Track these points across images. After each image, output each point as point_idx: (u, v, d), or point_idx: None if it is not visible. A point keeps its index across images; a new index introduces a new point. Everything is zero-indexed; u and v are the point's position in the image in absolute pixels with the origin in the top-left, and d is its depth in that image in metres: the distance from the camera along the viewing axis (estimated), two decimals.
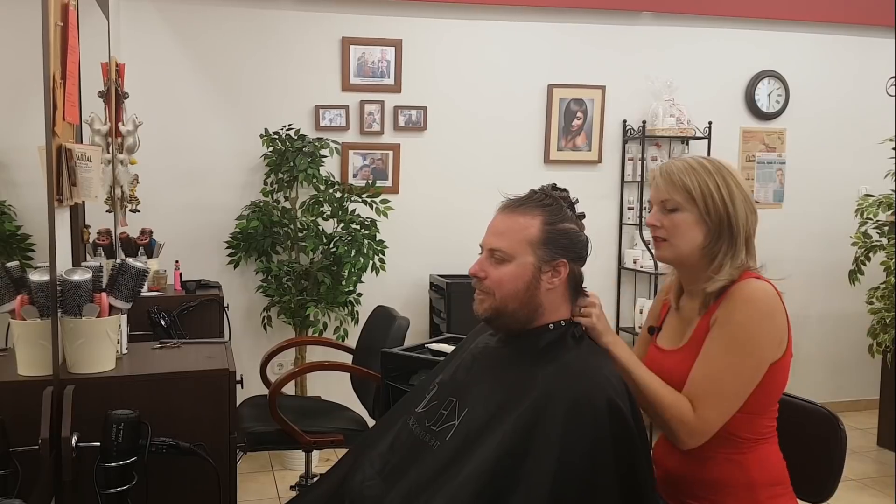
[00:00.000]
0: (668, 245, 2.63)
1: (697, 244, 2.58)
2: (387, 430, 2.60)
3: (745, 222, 2.58)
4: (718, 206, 2.55)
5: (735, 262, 2.56)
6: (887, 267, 6.30)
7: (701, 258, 2.60)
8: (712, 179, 2.57)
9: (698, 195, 2.56)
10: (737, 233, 2.57)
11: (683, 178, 2.58)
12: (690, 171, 2.59)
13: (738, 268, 2.56)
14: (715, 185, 2.56)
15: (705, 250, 2.59)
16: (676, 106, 6.74)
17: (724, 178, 2.58)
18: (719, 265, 2.56)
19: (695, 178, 2.58)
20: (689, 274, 2.69)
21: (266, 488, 5.78)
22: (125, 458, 2.80)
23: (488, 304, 2.44)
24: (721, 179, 2.57)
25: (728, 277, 2.55)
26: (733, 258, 2.56)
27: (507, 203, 2.49)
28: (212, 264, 6.20)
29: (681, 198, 2.58)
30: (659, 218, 2.63)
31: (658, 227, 2.63)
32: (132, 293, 3.19)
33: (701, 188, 2.56)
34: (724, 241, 2.57)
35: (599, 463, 2.17)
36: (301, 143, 5.99)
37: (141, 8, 6.04)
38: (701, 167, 2.60)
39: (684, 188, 2.58)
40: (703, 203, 2.56)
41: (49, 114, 2.98)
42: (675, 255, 2.63)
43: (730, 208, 2.56)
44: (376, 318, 5.11)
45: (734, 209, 2.56)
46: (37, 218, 3.05)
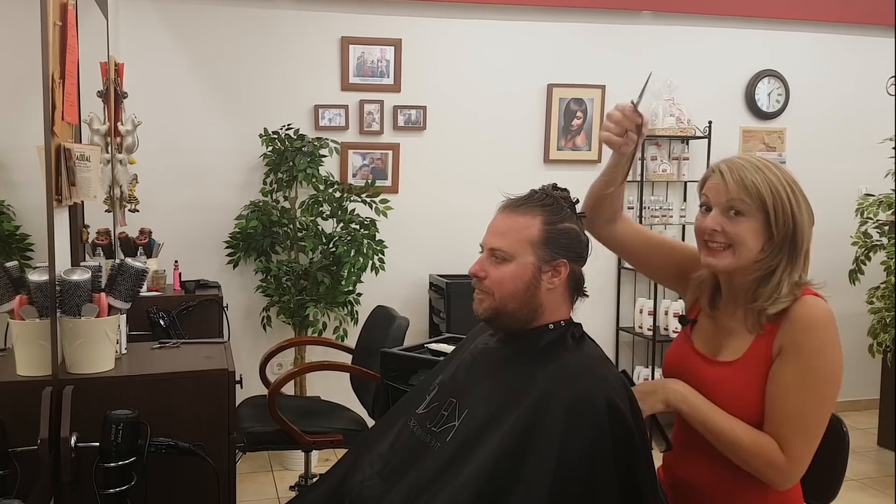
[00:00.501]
0: (728, 254, 2.41)
1: (755, 254, 2.39)
2: (387, 430, 2.60)
3: (807, 235, 2.40)
4: (788, 215, 2.36)
5: (793, 278, 2.39)
6: (887, 267, 6.30)
7: (755, 269, 2.41)
8: (782, 185, 2.37)
9: (769, 201, 2.35)
10: (799, 247, 2.40)
11: (758, 184, 2.36)
12: (759, 171, 2.38)
13: (797, 284, 2.39)
14: (786, 191, 2.37)
15: (761, 263, 2.40)
16: (676, 105, 6.75)
17: (790, 184, 2.39)
18: (778, 282, 2.39)
19: (765, 179, 2.36)
20: (737, 284, 2.50)
21: (265, 488, 5.78)
22: (124, 458, 2.79)
23: (488, 304, 2.43)
24: (789, 187, 2.38)
25: (787, 298, 2.37)
26: (791, 274, 2.39)
27: (507, 203, 2.48)
28: (211, 264, 6.20)
29: (752, 202, 2.37)
30: (720, 223, 2.41)
31: (718, 233, 2.41)
32: (131, 293, 3.19)
33: (773, 193, 2.35)
34: (784, 255, 2.39)
35: (599, 463, 2.17)
36: (300, 143, 5.99)
37: (140, 7, 6.03)
38: (768, 170, 2.39)
39: (757, 192, 2.36)
40: (774, 212, 2.36)
41: (48, 113, 2.97)
42: (737, 264, 2.43)
43: (798, 218, 2.37)
44: (376, 318, 5.11)
45: (801, 220, 2.38)
46: (36, 218, 3.05)
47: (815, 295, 2.41)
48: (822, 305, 2.39)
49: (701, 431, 2.41)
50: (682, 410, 2.43)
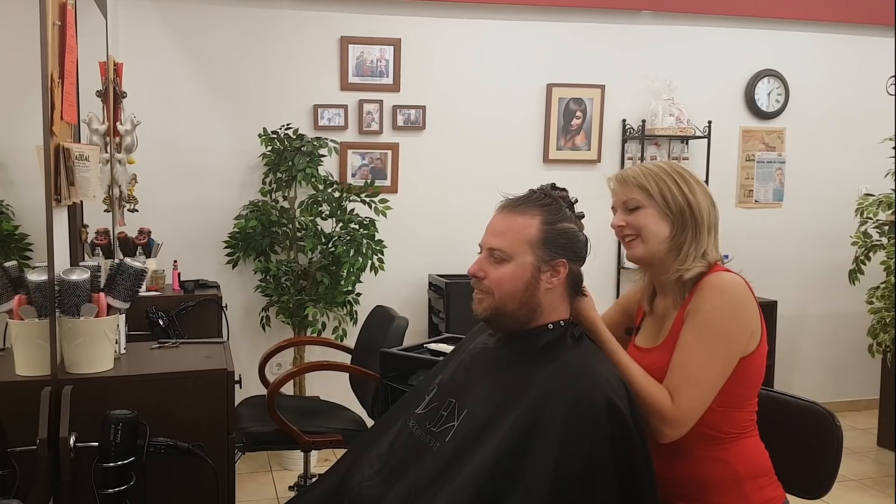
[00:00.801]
0: (638, 242, 2.63)
1: (664, 237, 2.59)
2: (386, 430, 2.61)
3: (709, 213, 2.61)
4: (677, 197, 2.59)
5: (699, 250, 2.58)
6: (887, 266, 6.29)
7: (669, 251, 2.61)
8: (667, 175, 2.61)
9: (655, 190, 2.59)
10: (700, 222, 2.59)
11: (638, 178, 2.63)
12: (645, 171, 2.64)
13: (704, 258, 2.58)
14: (671, 179, 2.61)
15: (672, 243, 2.60)
16: (676, 105, 6.74)
17: (680, 173, 2.63)
18: (685, 256, 2.58)
19: (650, 176, 2.62)
20: (659, 270, 2.68)
21: (265, 488, 5.77)
22: (123, 458, 2.80)
23: (487, 304, 2.44)
24: (677, 175, 2.62)
25: (700, 266, 2.56)
26: (697, 247, 2.58)
27: (506, 203, 2.49)
28: (210, 264, 6.19)
29: (639, 195, 2.61)
30: (623, 218, 2.65)
31: (624, 227, 2.65)
32: (130, 293, 3.19)
33: (657, 183, 2.60)
34: (688, 231, 2.58)
35: (599, 463, 2.18)
36: (299, 143, 5.98)
37: (139, 7, 6.03)
38: (655, 167, 2.65)
39: (639, 186, 2.61)
40: (662, 197, 2.59)
41: (47, 113, 2.97)
42: (646, 251, 2.63)
43: (689, 198, 2.59)
44: (375, 318, 5.10)
45: (694, 198, 2.59)
46: (35, 217, 3.04)
47: (728, 271, 2.59)
48: (732, 277, 2.55)
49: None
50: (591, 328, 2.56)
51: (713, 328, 2.48)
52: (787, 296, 7.10)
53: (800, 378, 7.41)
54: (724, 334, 2.48)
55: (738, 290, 2.52)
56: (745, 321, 2.51)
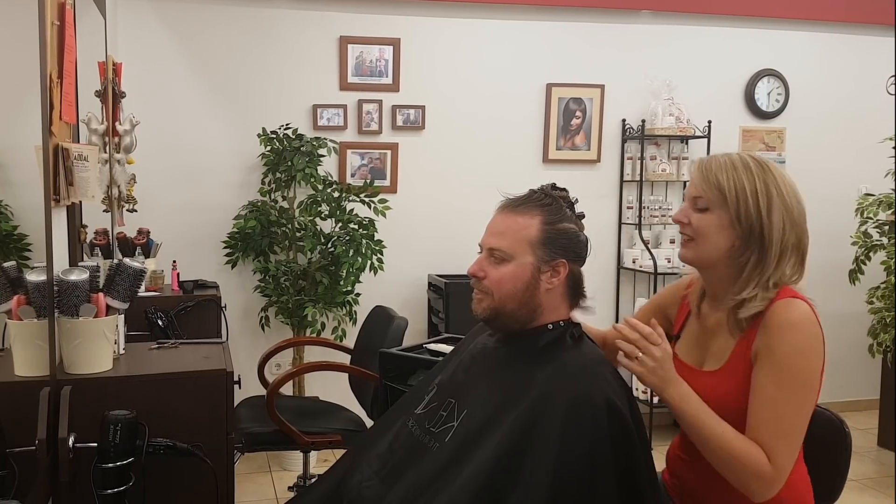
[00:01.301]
0: (693, 245, 2.47)
1: (724, 250, 2.42)
2: (385, 430, 2.61)
3: (781, 235, 2.38)
4: (752, 212, 2.37)
5: (763, 276, 2.38)
6: (887, 266, 6.29)
7: (727, 266, 2.44)
8: (752, 182, 2.38)
9: (731, 197, 2.39)
10: (768, 245, 2.37)
11: (720, 175, 2.41)
12: (730, 168, 2.41)
13: (767, 286, 2.38)
14: (753, 188, 2.38)
15: (732, 259, 2.42)
16: (676, 105, 6.73)
17: (767, 182, 2.39)
18: (746, 279, 2.40)
19: (733, 177, 2.40)
20: (713, 280, 2.53)
21: (264, 489, 5.77)
22: (122, 458, 2.79)
23: (487, 304, 2.44)
24: (762, 184, 2.38)
25: (762, 300, 2.37)
26: (762, 272, 2.38)
27: (506, 203, 2.49)
28: (209, 264, 6.19)
29: (713, 196, 2.41)
30: (687, 214, 2.48)
31: (686, 225, 2.48)
32: (129, 293, 3.18)
33: (737, 189, 2.38)
34: (752, 252, 2.39)
35: (598, 463, 2.18)
36: (299, 143, 5.97)
37: (138, 7, 6.02)
38: (743, 166, 2.41)
39: (717, 187, 2.40)
40: (736, 206, 2.38)
41: (46, 113, 2.97)
42: (698, 257, 2.48)
43: (764, 217, 2.37)
44: (374, 319, 5.10)
45: (769, 219, 2.37)
46: (33, 218, 3.04)
47: (795, 297, 2.38)
48: (800, 307, 2.35)
49: (688, 432, 2.36)
50: (675, 405, 2.36)
51: (794, 373, 2.31)
52: None
53: None
54: (806, 376, 2.33)
55: (810, 323, 2.34)
56: (820, 353, 2.37)
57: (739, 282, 2.41)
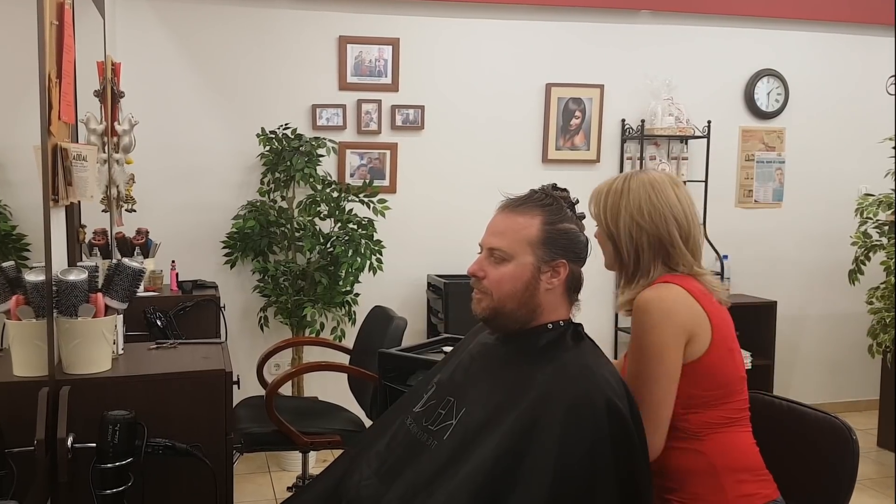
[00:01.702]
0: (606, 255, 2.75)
1: (610, 254, 2.73)
2: (384, 430, 2.61)
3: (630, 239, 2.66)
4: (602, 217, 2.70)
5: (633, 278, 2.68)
6: (887, 267, 6.28)
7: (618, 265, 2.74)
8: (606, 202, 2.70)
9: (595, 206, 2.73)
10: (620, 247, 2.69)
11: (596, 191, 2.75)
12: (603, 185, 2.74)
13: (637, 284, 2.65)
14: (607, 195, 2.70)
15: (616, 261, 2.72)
16: (675, 105, 6.72)
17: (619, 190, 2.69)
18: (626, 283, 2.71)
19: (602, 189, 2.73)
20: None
21: (263, 489, 5.76)
22: (121, 459, 2.79)
23: (486, 304, 2.44)
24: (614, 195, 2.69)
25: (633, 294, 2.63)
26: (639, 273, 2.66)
27: (506, 203, 2.48)
28: (208, 264, 6.18)
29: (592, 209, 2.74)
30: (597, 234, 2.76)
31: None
32: (128, 293, 3.18)
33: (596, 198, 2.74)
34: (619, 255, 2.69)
35: (598, 464, 2.17)
36: (298, 143, 5.96)
37: (137, 6, 6.01)
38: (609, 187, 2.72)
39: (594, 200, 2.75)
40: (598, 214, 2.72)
41: (44, 113, 2.97)
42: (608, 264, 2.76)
43: (610, 221, 2.69)
44: (373, 319, 5.09)
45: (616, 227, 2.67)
46: (32, 218, 3.04)
47: (666, 281, 2.61)
48: (657, 289, 2.58)
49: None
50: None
51: (644, 349, 2.53)
52: (786, 296, 7.10)
53: (799, 379, 7.40)
54: (654, 351, 2.51)
55: (661, 303, 2.54)
56: (673, 330, 2.51)
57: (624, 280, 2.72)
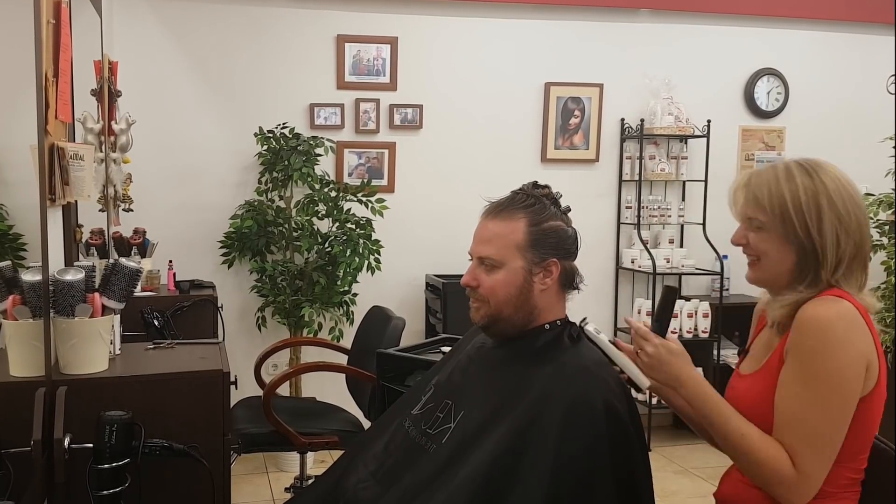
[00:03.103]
0: (758, 266, 2.32)
1: (788, 267, 2.26)
2: (382, 431, 2.61)
3: (836, 248, 2.21)
4: (799, 229, 2.22)
5: (818, 283, 2.23)
6: (888, 267, 6.27)
7: (793, 281, 2.27)
8: (795, 195, 2.23)
9: (776, 215, 2.24)
10: (822, 260, 2.21)
11: (763, 191, 2.26)
12: (773, 182, 2.26)
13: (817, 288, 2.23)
14: (797, 202, 2.22)
15: (797, 274, 2.26)
16: (675, 104, 6.71)
17: (816, 191, 2.23)
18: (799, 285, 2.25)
19: (776, 191, 2.24)
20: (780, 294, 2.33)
21: (260, 490, 5.75)
22: (118, 459, 2.79)
23: (484, 312, 2.44)
24: (808, 195, 2.22)
25: (797, 298, 2.22)
26: (815, 280, 2.23)
27: (489, 208, 2.48)
28: (206, 264, 6.17)
29: (761, 215, 2.26)
30: (745, 235, 2.33)
31: (745, 246, 2.33)
32: (125, 293, 3.17)
33: (780, 205, 2.23)
34: (810, 267, 2.23)
35: (596, 465, 2.17)
36: (296, 142, 5.96)
37: (134, 5, 6.00)
38: (787, 177, 2.25)
39: (759, 205, 2.26)
40: (783, 224, 2.23)
41: (41, 112, 2.96)
42: (763, 277, 2.33)
43: (814, 232, 2.21)
44: (372, 319, 5.09)
45: (819, 234, 2.21)
46: (29, 217, 3.04)
47: (839, 296, 2.21)
48: (836, 303, 2.18)
49: (708, 427, 2.27)
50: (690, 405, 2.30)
51: (819, 372, 2.13)
52: None
53: None
54: (832, 377, 2.13)
55: (844, 323, 2.15)
56: (855, 356, 2.14)
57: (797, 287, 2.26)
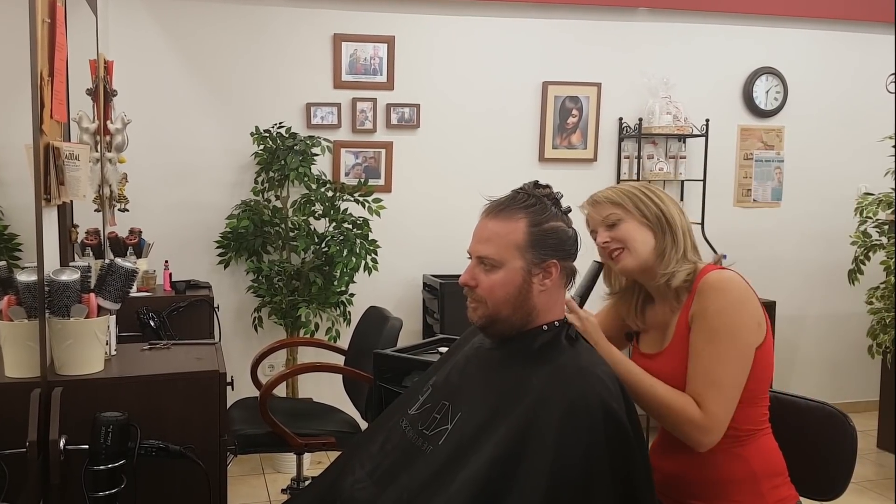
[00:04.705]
0: (626, 254, 2.69)
1: (651, 245, 2.67)
2: (379, 432, 2.61)
3: (680, 219, 2.70)
4: (650, 206, 2.67)
5: (678, 253, 2.65)
6: (887, 266, 6.26)
7: (657, 258, 2.66)
8: (636, 189, 2.71)
9: (628, 202, 2.68)
10: (675, 227, 2.67)
11: (609, 197, 2.71)
12: (615, 190, 2.73)
13: (686, 260, 2.65)
14: (640, 192, 2.70)
15: (657, 250, 2.66)
16: (673, 103, 6.70)
17: (647, 186, 2.74)
18: (668, 260, 2.64)
19: (620, 193, 2.71)
20: (650, 278, 2.72)
21: (257, 491, 5.74)
22: (114, 460, 2.79)
23: (482, 312, 2.43)
24: (644, 188, 2.73)
25: (686, 269, 2.63)
26: (677, 250, 2.65)
27: (490, 207, 2.47)
28: (202, 264, 6.16)
29: (616, 210, 2.69)
30: (607, 234, 2.71)
31: (609, 242, 2.70)
32: (121, 294, 3.16)
33: (628, 196, 2.69)
34: (667, 236, 2.66)
35: (595, 466, 2.17)
36: (292, 142, 5.94)
37: (129, 4, 5.99)
38: (622, 186, 2.76)
39: (613, 203, 2.70)
40: (636, 208, 2.68)
41: (36, 112, 2.96)
42: (636, 260, 2.68)
43: (661, 206, 2.68)
44: (369, 319, 5.08)
45: (665, 206, 2.69)
46: (24, 217, 3.05)
47: (720, 269, 2.65)
48: (729, 274, 2.61)
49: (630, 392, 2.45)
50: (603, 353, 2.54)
51: (723, 327, 2.52)
52: (785, 296, 7.07)
53: (798, 379, 7.38)
54: (734, 330, 2.52)
55: (738, 286, 2.57)
56: (751, 313, 2.56)
57: (663, 263, 2.65)
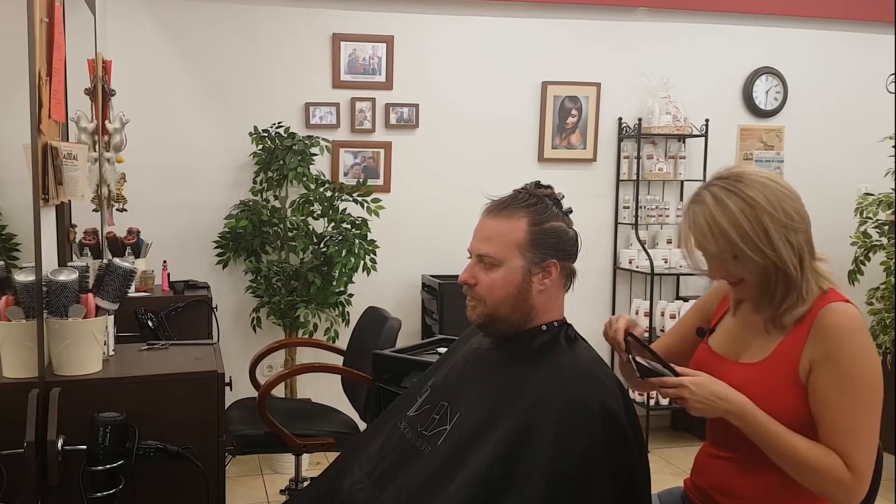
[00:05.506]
0: (742, 286, 2.42)
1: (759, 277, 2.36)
2: (377, 432, 2.61)
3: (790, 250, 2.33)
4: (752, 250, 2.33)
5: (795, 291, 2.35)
6: (887, 267, 6.24)
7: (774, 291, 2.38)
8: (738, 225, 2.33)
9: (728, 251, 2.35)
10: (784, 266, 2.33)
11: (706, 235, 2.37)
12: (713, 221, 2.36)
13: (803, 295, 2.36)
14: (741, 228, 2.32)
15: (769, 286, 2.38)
16: (673, 103, 6.69)
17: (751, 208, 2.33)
18: (781, 297, 2.37)
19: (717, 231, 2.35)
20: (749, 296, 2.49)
21: (255, 492, 5.74)
22: (112, 461, 2.80)
23: (481, 311, 2.43)
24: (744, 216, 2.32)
25: (803, 306, 2.35)
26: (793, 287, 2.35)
27: (491, 206, 2.48)
28: (200, 264, 6.15)
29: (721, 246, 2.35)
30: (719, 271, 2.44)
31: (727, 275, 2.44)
32: (119, 294, 3.16)
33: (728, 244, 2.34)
34: (776, 277, 2.35)
35: (593, 467, 2.17)
36: (291, 141, 5.94)
37: (128, 4, 5.98)
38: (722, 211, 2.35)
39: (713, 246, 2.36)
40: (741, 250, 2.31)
41: (34, 111, 2.97)
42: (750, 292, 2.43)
43: (766, 249, 2.32)
44: (367, 320, 5.07)
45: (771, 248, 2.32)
46: (22, 217, 3.05)
47: (842, 300, 2.36)
48: (851, 311, 2.33)
49: (759, 444, 2.31)
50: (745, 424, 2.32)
51: (860, 378, 2.28)
52: None
53: None
54: (871, 382, 2.29)
55: (864, 328, 2.32)
56: (876, 354, 2.34)
57: (775, 301, 2.39)
